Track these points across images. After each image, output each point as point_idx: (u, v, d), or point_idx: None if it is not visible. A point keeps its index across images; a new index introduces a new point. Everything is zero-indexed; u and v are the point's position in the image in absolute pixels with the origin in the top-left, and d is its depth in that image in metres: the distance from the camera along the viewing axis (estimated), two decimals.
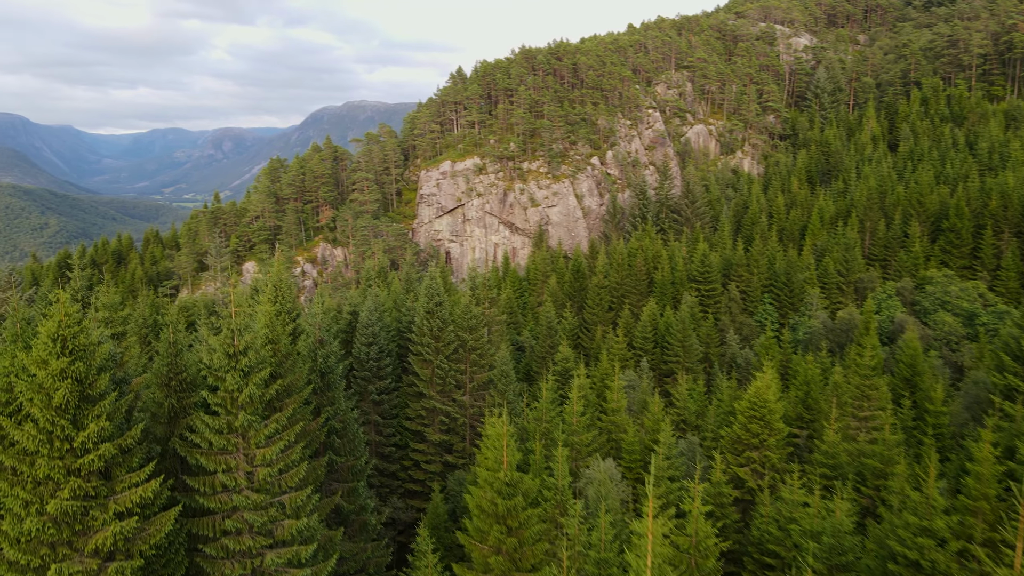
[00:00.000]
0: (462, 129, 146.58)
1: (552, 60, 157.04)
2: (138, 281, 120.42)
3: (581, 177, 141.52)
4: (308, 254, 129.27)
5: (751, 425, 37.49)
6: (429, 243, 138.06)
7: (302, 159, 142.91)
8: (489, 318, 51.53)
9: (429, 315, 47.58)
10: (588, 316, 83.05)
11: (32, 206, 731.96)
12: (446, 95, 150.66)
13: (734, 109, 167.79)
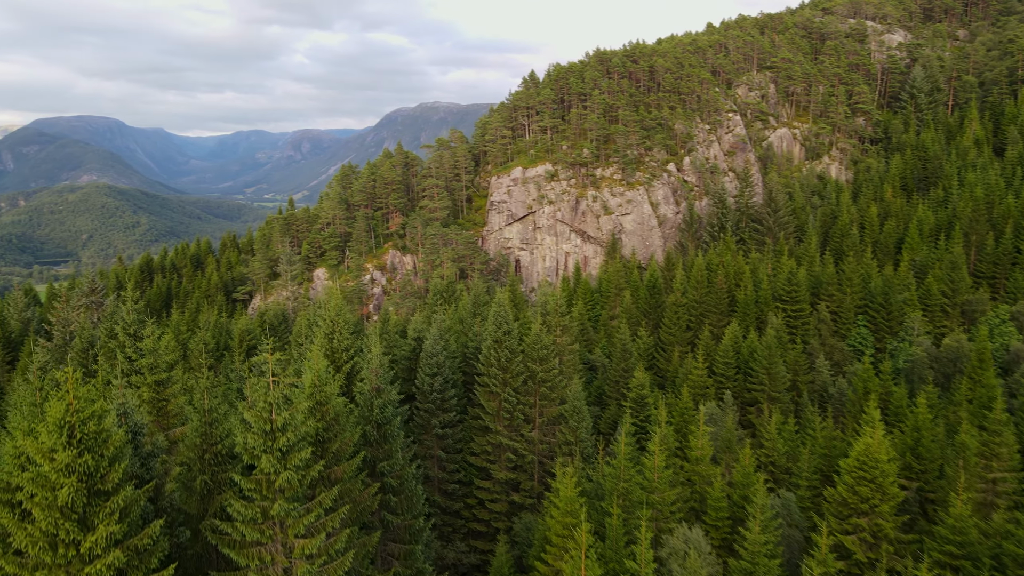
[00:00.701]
0: (534, 135, 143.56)
1: (627, 63, 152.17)
2: (214, 287, 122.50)
3: (656, 184, 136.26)
4: (377, 261, 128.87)
5: (860, 488, 32.88)
6: (499, 251, 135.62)
7: (373, 165, 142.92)
8: (561, 347, 48.22)
9: (497, 344, 44.60)
10: (664, 336, 78.53)
11: (125, 205, 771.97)
12: (518, 100, 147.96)
13: (821, 111, 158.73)
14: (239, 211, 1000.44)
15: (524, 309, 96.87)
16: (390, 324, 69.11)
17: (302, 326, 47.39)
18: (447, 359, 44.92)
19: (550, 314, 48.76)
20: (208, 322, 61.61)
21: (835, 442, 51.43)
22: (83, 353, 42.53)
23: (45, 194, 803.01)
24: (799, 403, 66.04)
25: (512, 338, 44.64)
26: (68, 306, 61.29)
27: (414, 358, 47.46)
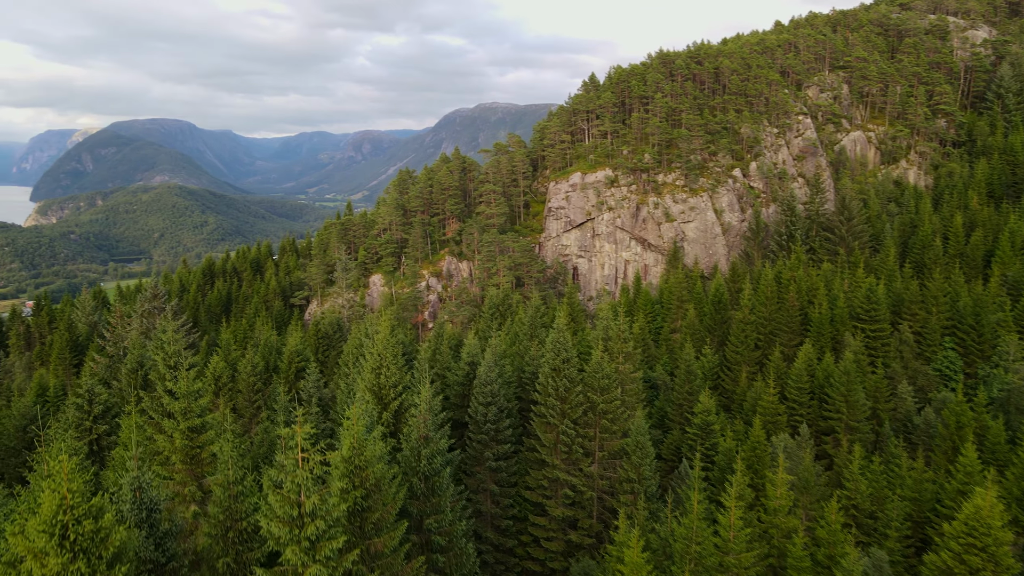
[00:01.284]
0: (594, 139, 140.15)
1: (691, 64, 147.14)
2: (272, 292, 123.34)
3: (721, 190, 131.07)
4: (433, 268, 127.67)
5: (968, 556, 28.89)
6: (556, 258, 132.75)
7: (430, 170, 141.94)
8: (623, 375, 45.20)
9: (555, 373, 41.88)
10: (730, 355, 74.34)
11: (194, 205, 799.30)
12: (577, 103, 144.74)
13: (898, 113, 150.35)
14: (301, 211, 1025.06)
15: (582, 321, 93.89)
16: (444, 339, 67.16)
17: (351, 349, 45.72)
18: (502, 387, 42.43)
19: (612, 339, 45.75)
20: (258, 340, 60.67)
21: (926, 484, 46.92)
22: (132, 374, 41.90)
23: (120, 194, 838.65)
24: (880, 433, 61.16)
25: (571, 366, 41.85)
26: (122, 321, 61.29)
27: (467, 383, 45.15)
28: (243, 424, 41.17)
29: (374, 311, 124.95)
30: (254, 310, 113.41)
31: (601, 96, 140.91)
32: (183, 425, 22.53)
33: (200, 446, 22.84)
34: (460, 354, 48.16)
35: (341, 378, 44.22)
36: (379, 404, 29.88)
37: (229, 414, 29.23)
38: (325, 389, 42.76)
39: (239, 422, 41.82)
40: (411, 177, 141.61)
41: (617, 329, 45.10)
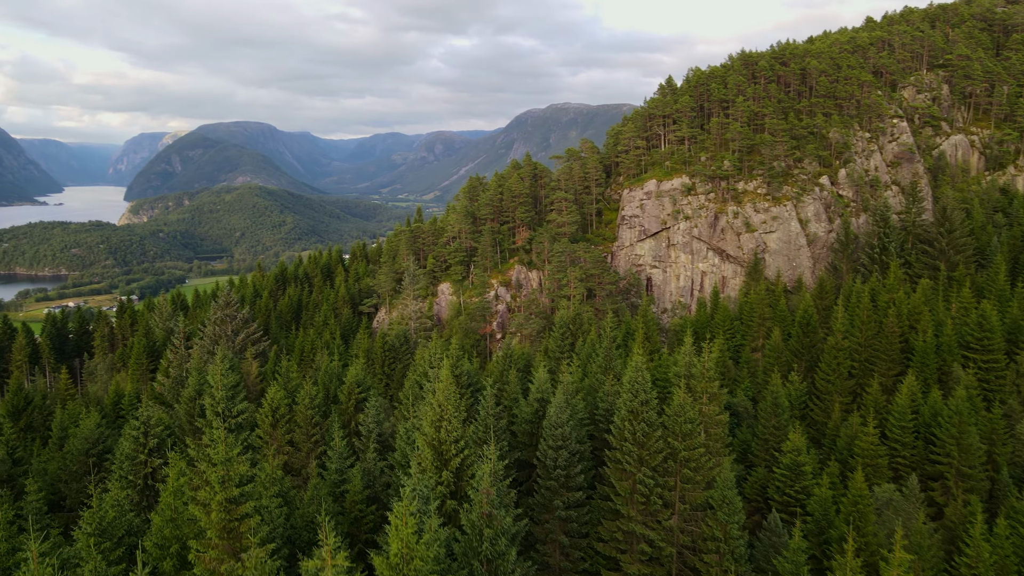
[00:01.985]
0: (670, 145, 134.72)
1: (775, 66, 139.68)
2: (341, 300, 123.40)
3: (806, 199, 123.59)
4: (502, 277, 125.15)
5: None
6: (629, 269, 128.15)
7: (501, 176, 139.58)
8: (707, 418, 41.09)
9: (632, 416, 38.15)
10: (821, 383, 68.54)
11: (273, 205, 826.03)
12: (653, 108, 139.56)
13: (1005, 115, 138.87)
14: (374, 211, 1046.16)
15: (656, 338, 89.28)
16: (512, 364, 64.15)
17: (413, 381, 43.22)
18: (573, 429, 39.02)
19: (695, 377, 41.68)
20: (319, 367, 58.94)
21: None
22: (191, 402, 40.65)
23: (205, 194, 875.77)
24: (997, 481, 54.64)
25: (650, 408, 38.05)
26: (186, 342, 60.76)
27: (536, 421, 41.94)
28: (300, 458, 39.22)
29: (442, 321, 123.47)
30: (323, 318, 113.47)
31: (679, 100, 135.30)
32: (220, 496, 20.24)
33: (239, 518, 20.52)
34: (529, 387, 44.93)
35: (401, 415, 41.79)
36: (439, 461, 27.11)
37: (279, 471, 26.96)
38: (386, 423, 40.42)
39: (296, 455, 39.92)
40: (481, 184, 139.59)
41: (701, 367, 41.03)
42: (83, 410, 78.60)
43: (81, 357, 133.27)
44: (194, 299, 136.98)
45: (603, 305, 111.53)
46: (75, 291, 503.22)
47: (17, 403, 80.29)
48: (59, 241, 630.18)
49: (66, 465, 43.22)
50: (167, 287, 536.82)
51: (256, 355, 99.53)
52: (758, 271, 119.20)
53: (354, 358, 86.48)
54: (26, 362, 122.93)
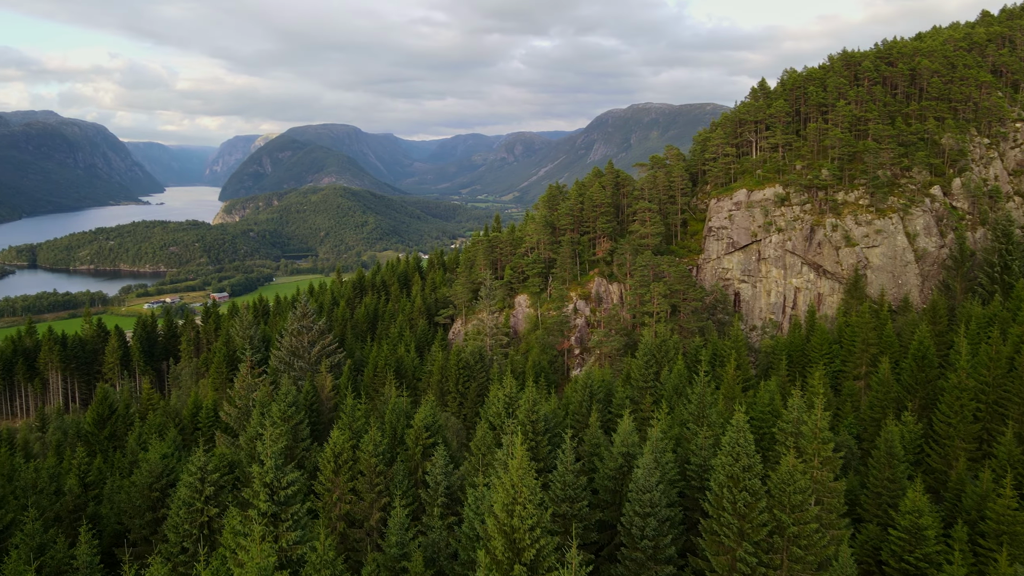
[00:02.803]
0: (762, 152, 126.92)
1: (881, 66, 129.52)
2: (417, 311, 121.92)
3: (915, 211, 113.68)
4: (582, 290, 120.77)
5: None
6: (716, 283, 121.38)
7: (581, 185, 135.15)
8: (821, 486, 35.81)
9: (732, 482, 33.43)
10: (940, 427, 61.13)
11: (356, 206, 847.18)
12: (744, 112, 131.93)
13: None
14: (454, 212, 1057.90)
15: (746, 364, 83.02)
16: (593, 390, 59.98)
17: (484, 429, 39.61)
18: (663, 494, 34.56)
19: (805, 436, 36.44)
20: (385, 401, 56.19)
21: None
22: (250, 443, 38.66)
23: (293, 195, 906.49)
24: None
25: (753, 475, 33.20)
26: (251, 372, 59.39)
27: (620, 478, 37.68)
28: (363, 509, 36.38)
29: (518, 334, 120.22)
30: (399, 330, 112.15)
31: (772, 104, 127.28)
32: None
33: None
34: (612, 436, 40.67)
35: (472, 467, 38.34)
36: (510, 551, 23.46)
37: (331, 551, 23.92)
38: (455, 475, 37.10)
39: (359, 505, 37.11)
40: (561, 192, 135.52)
41: (813, 425, 35.78)
42: (163, 420, 79.41)
43: (169, 360, 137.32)
44: (275, 305, 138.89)
45: (688, 323, 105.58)
46: (172, 287, 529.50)
47: (102, 412, 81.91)
48: (159, 239, 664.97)
49: (131, 498, 41.98)
50: (256, 285, 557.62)
51: (331, 367, 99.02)
52: (858, 289, 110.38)
53: (425, 391, 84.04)
54: (118, 364, 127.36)
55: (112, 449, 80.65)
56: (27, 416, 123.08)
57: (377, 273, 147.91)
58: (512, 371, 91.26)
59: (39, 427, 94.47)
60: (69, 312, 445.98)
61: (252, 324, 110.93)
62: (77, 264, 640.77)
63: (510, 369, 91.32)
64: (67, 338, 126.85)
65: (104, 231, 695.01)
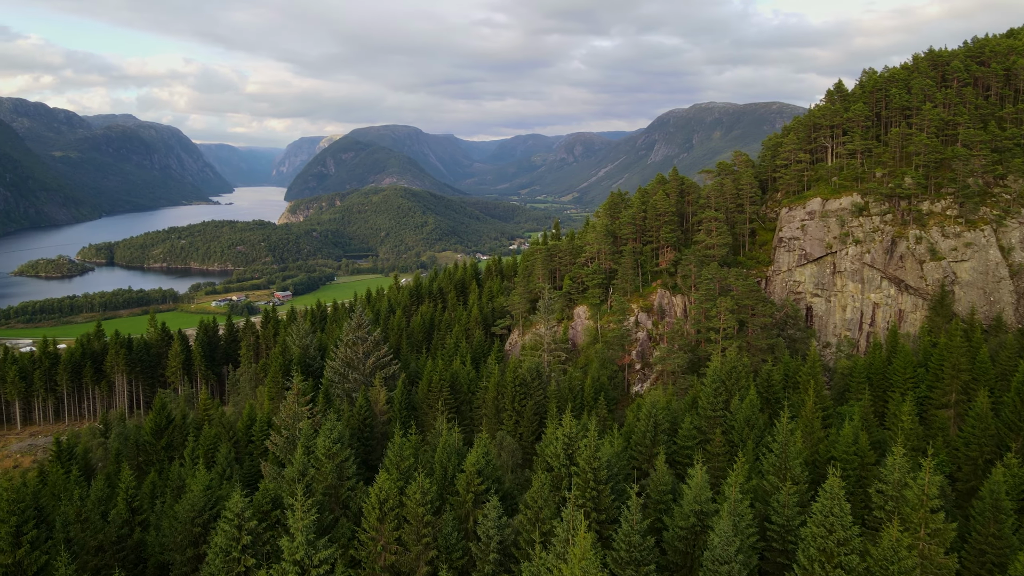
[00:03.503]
0: (839, 159, 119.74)
1: (972, 66, 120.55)
2: (474, 321, 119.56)
3: (1010, 223, 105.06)
4: (644, 302, 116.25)
5: None
6: (787, 297, 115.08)
7: (644, 192, 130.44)
8: (927, 562, 31.18)
9: (824, 557, 29.26)
10: None
11: (416, 206, 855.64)
12: (819, 116, 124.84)
13: None
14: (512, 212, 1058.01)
15: (820, 384, 77.36)
16: (656, 420, 55.99)
17: (542, 477, 36.13)
18: (743, 564, 30.60)
19: (910, 503, 31.93)
20: (437, 434, 53.17)
21: None
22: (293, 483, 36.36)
23: (355, 195, 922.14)
24: None
25: (849, 549, 28.97)
26: (298, 399, 57.48)
27: (691, 539, 33.86)
28: (409, 561, 33.62)
29: (577, 347, 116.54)
30: (454, 341, 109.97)
31: (850, 108, 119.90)
32: None
33: None
34: (682, 496, 36.76)
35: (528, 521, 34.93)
36: None
37: None
38: (508, 529, 34.00)
39: (405, 556, 34.36)
40: (623, 200, 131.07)
41: (919, 491, 31.29)
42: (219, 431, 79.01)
43: (230, 364, 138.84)
44: (333, 312, 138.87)
45: (757, 340, 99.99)
46: (238, 286, 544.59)
47: (160, 421, 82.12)
48: (227, 239, 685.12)
49: (174, 530, 40.41)
50: (317, 284, 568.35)
51: (385, 379, 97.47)
52: (945, 306, 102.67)
53: (480, 407, 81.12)
54: (180, 368, 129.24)
55: (168, 460, 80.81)
56: (94, 418, 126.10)
57: (434, 280, 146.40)
58: (570, 388, 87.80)
59: (102, 431, 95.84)
60: (142, 309, 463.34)
61: (308, 332, 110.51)
62: (151, 262, 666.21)
63: (568, 387, 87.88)
64: (133, 341, 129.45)
65: (176, 230, 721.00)
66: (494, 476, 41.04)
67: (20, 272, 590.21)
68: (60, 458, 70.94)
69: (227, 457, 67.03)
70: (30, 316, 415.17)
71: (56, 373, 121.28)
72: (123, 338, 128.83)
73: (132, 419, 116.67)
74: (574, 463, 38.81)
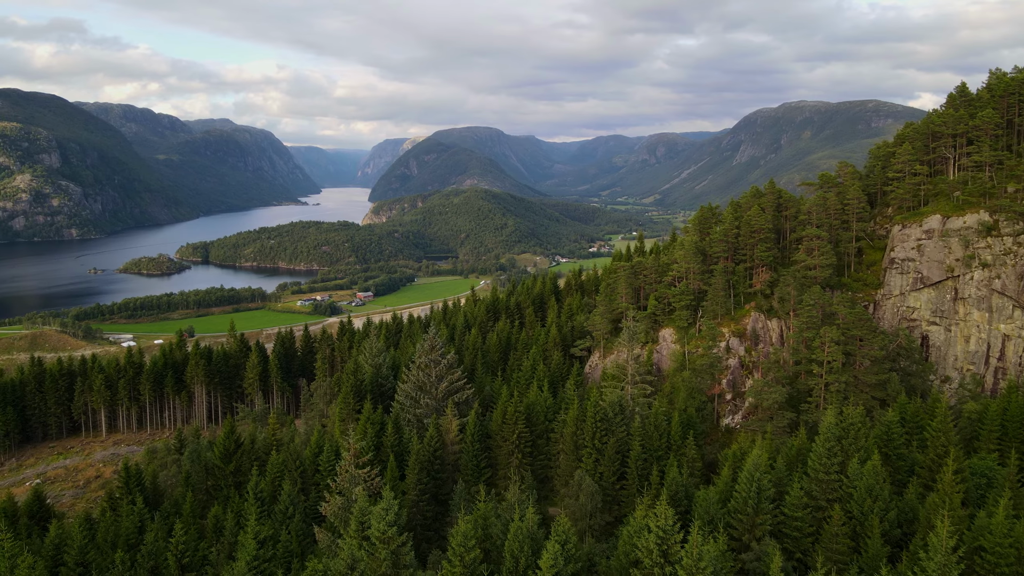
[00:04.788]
0: (963, 172, 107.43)
1: None
2: (552, 342, 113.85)
3: None
4: (735, 325, 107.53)
5: None
6: (899, 325, 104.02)
7: (737, 205, 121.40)
8: None
9: None
10: None
11: (496, 208, 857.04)
12: (939, 124, 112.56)
13: None
14: (592, 215, 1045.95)
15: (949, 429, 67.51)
16: (756, 477, 48.75)
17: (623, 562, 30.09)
18: None
19: None
20: (509, 508, 47.39)
21: None
22: (348, 571, 31.60)
23: (436, 197, 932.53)
24: None
25: None
26: (356, 460, 53.07)
27: None
28: None
29: (662, 372, 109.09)
30: (531, 363, 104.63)
31: (977, 115, 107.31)
32: None
33: None
34: None
35: None
36: None
37: None
38: None
39: None
40: (714, 214, 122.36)
41: None
42: (286, 459, 76.39)
43: (303, 378, 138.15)
44: (408, 326, 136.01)
45: (867, 375, 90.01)
46: (322, 285, 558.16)
47: (228, 446, 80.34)
48: (313, 239, 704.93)
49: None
50: (398, 285, 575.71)
51: (458, 404, 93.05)
52: None
53: (558, 442, 74.82)
54: (257, 380, 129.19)
55: (236, 485, 78.91)
56: (174, 428, 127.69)
57: (512, 294, 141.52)
58: (656, 426, 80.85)
59: (177, 448, 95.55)
60: (232, 307, 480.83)
61: (381, 350, 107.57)
62: (242, 261, 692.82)
63: (654, 424, 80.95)
64: (212, 352, 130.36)
65: (266, 231, 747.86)
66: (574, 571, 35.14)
67: (124, 269, 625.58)
68: (128, 485, 69.75)
69: (290, 495, 63.90)
70: (131, 312, 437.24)
71: (139, 382, 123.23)
72: (203, 348, 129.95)
73: (207, 432, 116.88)
74: (669, 562, 32.57)
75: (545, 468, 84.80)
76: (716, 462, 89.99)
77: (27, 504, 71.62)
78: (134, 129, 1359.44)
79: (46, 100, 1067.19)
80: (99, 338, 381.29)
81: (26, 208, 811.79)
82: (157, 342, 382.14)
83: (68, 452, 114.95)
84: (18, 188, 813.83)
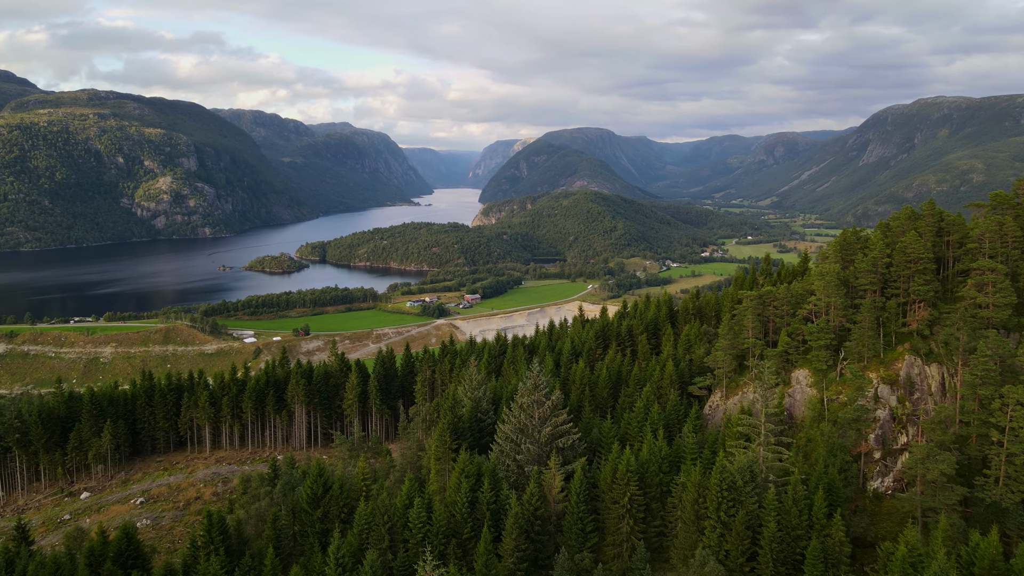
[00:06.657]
0: None
1: None
2: (667, 379, 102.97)
3: None
4: (886, 371, 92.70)
5: None
6: None
7: (887, 229, 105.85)
8: None
9: None
10: None
11: (606, 211, 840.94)
12: None
13: None
14: (705, 217, 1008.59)
15: None
16: None
17: None
18: None
19: None
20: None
21: None
22: None
23: (545, 199, 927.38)
24: None
25: None
26: (431, 563, 45.02)
27: None
28: None
29: (794, 419, 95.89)
30: (644, 403, 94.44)
31: None
32: None
33: None
34: None
35: None
36: None
37: None
38: None
39: None
40: (859, 239, 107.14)
41: None
42: (373, 511, 70.52)
43: (404, 398, 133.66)
44: (511, 351, 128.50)
45: None
46: (431, 287, 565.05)
47: (316, 490, 75.49)
48: (423, 240, 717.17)
49: None
50: (505, 288, 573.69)
51: (561, 450, 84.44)
52: None
53: (675, 511, 64.50)
54: (356, 401, 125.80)
55: (323, 532, 73.93)
56: (275, 445, 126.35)
57: (623, 318, 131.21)
58: (795, 499, 68.92)
59: (270, 479, 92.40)
60: (346, 306, 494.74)
61: (482, 382, 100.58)
62: (356, 261, 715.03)
63: (792, 496, 69.03)
64: (313, 371, 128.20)
65: (380, 231, 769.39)
66: None
67: (250, 267, 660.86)
68: (210, 533, 65.85)
69: (373, 565, 57.49)
70: (253, 309, 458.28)
71: (242, 400, 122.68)
72: (304, 367, 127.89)
73: (303, 457, 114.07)
74: None
75: (659, 536, 74.68)
76: (862, 538, 76.85)
77: (116, 543, 69.30)
78: (263, 133, 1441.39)
79: (186, 107, 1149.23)
80: (224, 334, 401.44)
81: (167, 208, 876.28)
82: (276, 339, 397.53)
83: (173, 468, 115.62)
84: (160, 190, 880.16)
